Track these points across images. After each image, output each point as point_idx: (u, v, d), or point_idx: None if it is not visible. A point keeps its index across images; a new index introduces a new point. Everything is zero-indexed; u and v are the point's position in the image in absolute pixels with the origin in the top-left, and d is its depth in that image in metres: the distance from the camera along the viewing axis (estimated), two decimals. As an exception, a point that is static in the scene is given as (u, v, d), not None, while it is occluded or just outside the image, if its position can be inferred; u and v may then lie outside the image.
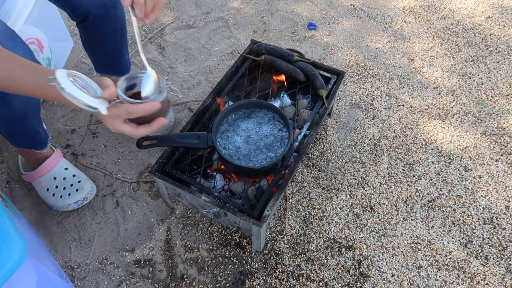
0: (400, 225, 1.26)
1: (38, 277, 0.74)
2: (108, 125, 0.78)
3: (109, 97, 0.73)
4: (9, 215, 0.70)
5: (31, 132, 1.15)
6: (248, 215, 1.04)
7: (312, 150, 1.43)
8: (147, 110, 0.76)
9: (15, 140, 1.16)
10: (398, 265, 1.18)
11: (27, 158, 1.28)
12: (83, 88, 0.69)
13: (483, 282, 1.14)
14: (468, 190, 1.32)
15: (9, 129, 1.09)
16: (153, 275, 1.18)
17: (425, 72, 1.68)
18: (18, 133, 1.13)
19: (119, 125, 0.77)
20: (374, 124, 1.51)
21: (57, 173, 1.28)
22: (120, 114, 0.75)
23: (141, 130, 0.79)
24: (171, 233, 1.26)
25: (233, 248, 1.22)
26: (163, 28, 1.86)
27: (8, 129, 1.10)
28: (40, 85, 0.75)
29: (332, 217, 1.28)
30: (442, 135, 1.47)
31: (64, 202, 1.26)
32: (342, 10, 1.95)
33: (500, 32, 1.80)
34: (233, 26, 1.89)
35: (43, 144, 1.23)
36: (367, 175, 1.37)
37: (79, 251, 1.23)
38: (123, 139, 1.48)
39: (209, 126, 1.27)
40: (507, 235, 1.22)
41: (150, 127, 0.79)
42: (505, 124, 1.48)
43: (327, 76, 1.38)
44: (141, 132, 0.79)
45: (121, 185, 1.37)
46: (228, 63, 1.73)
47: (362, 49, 1.77)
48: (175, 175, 1.13)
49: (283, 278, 1.16)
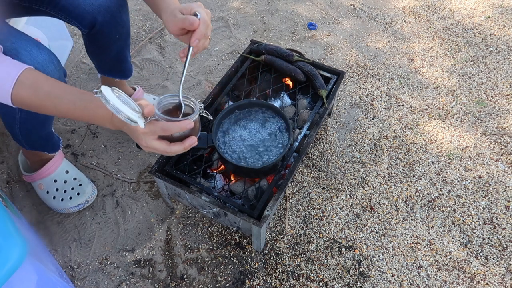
0: (400, 225, 1.26)
1: (38, 277, 0.74)
2: (141, 141, 0.80)
3: (148, 114, 0.76)
4: (9, 215, 0.70)
5: (47, 136, 1.17)
6: (248, 215, 1.04)
7: (312, 150, 1.43)
8: (182, 128, 0.79)
9: (30, 144, 1.17)
10: (398, 265, 1.18)
11: (31, 159, 1.27)
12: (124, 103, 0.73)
13: (483, 282, 1.14)
14: (468, 190, 1.32)
15: (28, 133, 1.10)
16: (153, 275, 1.18)
17: (425, 72, 1.68)
18: (36, 137, 1.14)
19: (152, 142, 0.79)
20: (374, 124, 1.51)
21: (57, 176, 1.28)
22: (156, 130, 0.78)
23: (174, 148, 0.82)
24: (171, 233, 1.26)
25: (233, 248, 1.22)
26: (163, 28, 1.86)
27: (27, 134, 1.10)
28: (77, 107, 0.79)
29: (332, 217, 1.28)
30: (442, 135, 1.47)
31: (65, 205, 1.26)
32: (342, 10, 1.95)
33: (500, 32, 1.80)
34: (233, 26, 1.89)
35: (56, 147, 1.25)
36: (367, 175, 1.37)
37: (79, 251, 1.23)
38: (123, 139, 1.48)
39: (209, 126, 1.27)
40: (507, 235, 1.22)
41: (182, 145, 0.83)
42: (505, 124, 1.48)
43: (327, 76, 1.38)
44: (174, 149, 0.82)
45: (121, 185, 1.37)
46: (228, 63, 1.73)
47: (362, 49, 1.77)
48: (175, 175, 1.13)
49: (283, 278, 1.16)
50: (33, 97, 0.78)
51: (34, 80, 0.79)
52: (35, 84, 0.79)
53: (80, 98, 0.80)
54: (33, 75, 0.79)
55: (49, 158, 1.27)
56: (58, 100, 0.79)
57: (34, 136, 1.14)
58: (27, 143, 1.16)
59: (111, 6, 1.12)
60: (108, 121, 0.81)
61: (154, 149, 0.81)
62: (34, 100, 0.79)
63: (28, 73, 0.79)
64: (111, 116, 0.79)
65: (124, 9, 1.18)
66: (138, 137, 0.80)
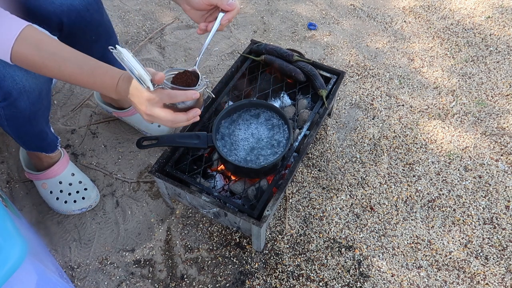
0: (400, 225, 1.26)
1: (38, 277, 0.74)
2: (145, 109, 0.79)
3: (159, 81, 0.76)
4: (9, 215, 0.70)
5: (39, 134, 1.14)
6: (248, 215, 1.04)
7: (312, 150, 1.43)
8: (188, 97, 0.80)
9: (25, 143, 1.15)
10: (398, 265, 1.18)
11: (35, 161, 1.27)
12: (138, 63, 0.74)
13: (483, 282, 1.14)
14: (468, 190, 1.32)
15: (17, 131, 1.08)
16: (153, 275, 1.18)
17: (425, 72, 1.68)
18: (27, 135, 1.12)
19: (157, 109, 0.79)
20: (374, 124, 1.51)
21: (63, 178, 1.28)
22: (162, 97, 0.78)
23: (178, 116, 0.81)
24: (171, 233, 1.26)
25: (233, 248, 1.22)
26: (163, 28, 1.86)
27: (16, 131, 1.08)
28: (84, 71, 0.79)
29: (332, 217, 1.28)
30: (442, 135, 1.47)
31: (68, 208, 1.26)
32: (342, 10, 1.95)
33: (500, 32, 1.80)
34: (233, 26, 1.89)
35: (53, 146, 1.22)
36: (367, 175, 1.37)
37: (79, 251, 1.23)
38: (123, 139, 1.48)
39: (209, 126, 1.27)
40: (507, 235, 1.22)
41: (186, 115, 0.82)
42: (505, 124, 1.48)
43: (327, 76, 1.38)
44: (178, 118, 0.81)
45: (121, 185, 1.37)
46: (228, 63, 1.73)
47: (362, 49, 1.77)
48: (175, 175, 1.13)
49: (283, 278, 1.16)
50: (36, 56, 0.76)
51: (38, 39, 0.77)
52: (39, 43, 0.76)
53: (86, 62, 0.79)
54: (36, 33, 0.77)
55: (54, 161, 1.27)
56: (63, 62, 0.78)
57: (25, 134, 1.11)
58: (22, 142, 1.14)
59: (75, 5, 1.06)
60: (112, 89, 0.80)
61: (157, 117, 0.80)
62: (37, 59, 0.77)
63: (30, 30, 0.76)
64: (116, 84, 0.79)
65: (93, 7, 1.11)
66: (142, 104, 0.79)
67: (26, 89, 0.94)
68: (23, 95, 0.94)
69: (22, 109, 0.97)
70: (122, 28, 1.84)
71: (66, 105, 1.57)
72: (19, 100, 0.94)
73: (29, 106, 0.98)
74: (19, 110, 0.97)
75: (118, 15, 1.90)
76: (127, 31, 1.83)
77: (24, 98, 0.95)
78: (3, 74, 0.89)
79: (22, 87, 0.93)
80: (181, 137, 1.11)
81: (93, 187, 1.30)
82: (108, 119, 1.52)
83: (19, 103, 0.95)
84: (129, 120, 1.45)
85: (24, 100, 0.96)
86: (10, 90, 0.91)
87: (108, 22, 1.19)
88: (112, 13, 1.91)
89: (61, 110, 1.55)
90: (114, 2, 1.96)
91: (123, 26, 1.85)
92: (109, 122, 1.52)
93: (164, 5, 1.97)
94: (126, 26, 1.86)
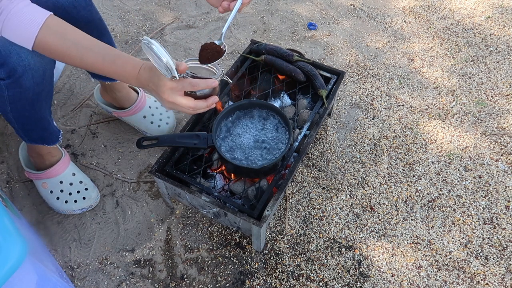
0: (400, 225, 1.26)
1: (38, 277, 0.74)
2: (167, 97, 0.83)
3: (182, 71, 0.81)
4: (9, 215, 0.70)
5: (41, 121, 1.12)
6: (248, 215, 1.04)
7: (312, 150, 1.43)
8: (209, 85, 0.85)
9: (27, 133, 1.14)
10: (398, 265, 1.18)
11: (36, 159, 1.27)
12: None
13: (483, 282, 1.14)
14: (468, 190, 1.32)
15: (20, 116, 1.06)
16: (153, 275, 1.18)
17: (425, 72, 1.68)
18: (29, 122, 1.10)
19: (178, 97, 0.83)
20: (374, 124, 1.51)
21: (64, 177, 1.28)
22: (184, 85, 0.83)
23: (199, 103, 0.86)
24: (171, 233, 1.26)
25: (233, 248, 1.22)
26: (163, 28, 1.86)
27: (19, 117, 1.07)
28: (106, 60, 0.83)
29: (332, 217, 1.28)
30: (442, 135, 1.47)
31: (68, 207, 1.26)
32: (342, 10, 1.95)
33: (500, 32, 1.80)
34: (233, 26, 1.89)
35: (54, 137, 1.21)
36: (367, 175, 1.37)
37: (79, 251, 1.23)
38: (123, 139, 1.48)
39: (209, 126, 1.27)
40: (507, 235, 1.22)
41: (206, 102, 0.87)
42: (505, 124, 1.48)
43: (327, 76, 1.38)
44: (199, 105, 0.86)
45: (121, 185, 1.37)
46: (228, 63, 1.73)
47: (362, 49, 1.77)
48: (175, 175, 1.13)
49: (283, 278, 1.16)
50: (59, 45, 0.80)
51: (63, 27, 0.80)
52: (63, 31, 0.80)
53: (108, 52, 0.83)
54: (60, 22, 0.81)
55: (55, 161, 1.27)
56: (86, 51, 0.82)
57: (28, 121, 1.09)
58: (24, 132, 1.13)
59: (61, 2, 1.05)
60: (134, 77, 0.84)
61: (179, 104, 0.84)
62: (60, 47, 0.80)
63: (54, 19, 0.80)
64: (138, 72, 0.83)
65: (80, 5, 1.09)
66: (164, 92, 0.83)
67: (31, 66, 0.94)
68: (27, 73, 0.94)
69: (26, 88, 0.97)
70: (122, 28, 1.84)
71: (66, 105, 1.57)
72: (24, 78, 0.95)
73: (33, 85, 0.98)
74: (23, 89, 0.97)
75: (118, 15, 1.90)
76: (127, 31, 1.83)
77: (28, 76, 0.95)
78: (9, 50, 0.90)
79: (28, 64, 0.93)
80: (181, 137, 1.11)
81: (93, 187, 1.30)
82: (108, 119, 1.52)
83: (24, 81, 0.95)
84: (129, 120, 1.45)
85: (29, 79, 0.96)
86: (15, 67, 0.91)
87: (99, 20, 1.19)
88: (112, 13, 1.91)
89: (61, 110, 1.55)
90: (114, 2, 1.96)
91: (123, 26, 1.85)
92: (109, 122, 1.52)
93: (164, 5, 1.97)
94: (126, 26, 1.86)
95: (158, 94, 0.84)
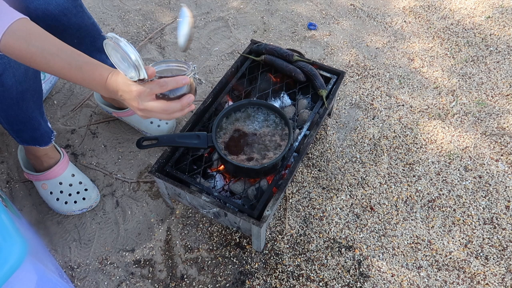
0: (400, 225, 1.26)
1: (38, 277, 0.74)
2: (138, 104, 0.78)
3: (151, 76, 0.76)
4: (9, 215, 0.70)
5: (31, 121, 1.11)
6: (248, 215, 1.04)
7: (312, 150, 1.43)
8: (178, 82, 0.79)
9: (18, 133, 1.13)
10: (398, 265, 1.18)
11: (34, 161, 1.27)
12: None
13: (483, 282, 1.14)
14: (468, 190, 1.32)
15: (6, 115, 1.05)
16: (153, 275, 1.18)
17: (425, 72, 1.68)
18: (17, 122, 1.09)
19: (149, 102, 0.78)
20: (374, 124, 1.51)
21: (63, 178, 1.28)
22: (152, 87, 0.77)
23: (172, 105, 0.80)
24: (171, 233, 1.26)
25: (233, 248, 1.22)
26: (163, 28, 1.86)
27: (5, 116, 1.06)
28: (72, 66, 0.78)
29: (332, 217, 1.28)
30: (442, 135, 1.47)
31: (68, 208, 1.26)
32: (342, 10, 1.95)
33: (500, 32, 1.80)
34: (233, 26, 1.89)
35: (46, 139, 1.20)
36: (367, 175, 1.37)
37: (79, 251, 1.23)
38: (123, 139, 1.48)
39: (209, 126, 1.27)
40: (507, 235, 1.22)
41: (180, 102, 0.81)
42: (505, 124, 1.48)
43: (327, 76, 1.38)
44: (172, 106, 0.80)
45: (121, 185, 1.37)
46: (228, 63, 1.73)
47: (362, 49, 1.77)
48: (175, 175, 1.13)
49: (283, 278, 1.16)
50: (24, 50, 0.77)
51: (28, 33, 0.77)
52: (28, 37, 0.76)
53: (75, 58, 0.78)
54: (27, 27, 0.77)
55: (54, 163, 1.26)
56: (51, 57, 0.77)
57: (15, 120, 1.08)
58: (14, 133, 1.12)
59: (50, 10, 1.03)
60: (102, 85, 0.79)
61: (151, 110, 0.79)
62: (25, 53, 0.77)
63: (22, 23, 0.76)
64: (106, 81, 0.78)
65: (71, 12, 1.07)
66: (134, 99, 0.78)
67: (11, 64, 0.93)
68: (8, 71, 0.93)
69: (8, 87, 0.95)
70: (122, 28, 1.84)
71: (66, 105, 1.57)
72: (4, 76, 0.93)
73: (16, 84, 0.97)
74: (5, 88, 0.96)
75: (118, 15, 1.90)
76: (127, 31, 1.83)
77: (9, 75, 0.94)
78: None
79: (7, 62, 0.92)
80: (181, 137, 1.11)
81: (93, 188, 1.30)
82: (108, 119, 1.52)
83: (5, 80, 0.94)
84: (129, 120, 1.45)
85: (10, 77, 0.94)
86: None
87: (92, 25, 1.17)
88: (112, 13, 1.91)
89: (61, 110, 1.55)
90: (114, 2, 1.96)
91: (123, 26, 1.85)
92: (109, 122, 1.52)
93: (164, 5, 1.97)
94: (126, 26, 1.86)
95: (129, 103, 0.80)
